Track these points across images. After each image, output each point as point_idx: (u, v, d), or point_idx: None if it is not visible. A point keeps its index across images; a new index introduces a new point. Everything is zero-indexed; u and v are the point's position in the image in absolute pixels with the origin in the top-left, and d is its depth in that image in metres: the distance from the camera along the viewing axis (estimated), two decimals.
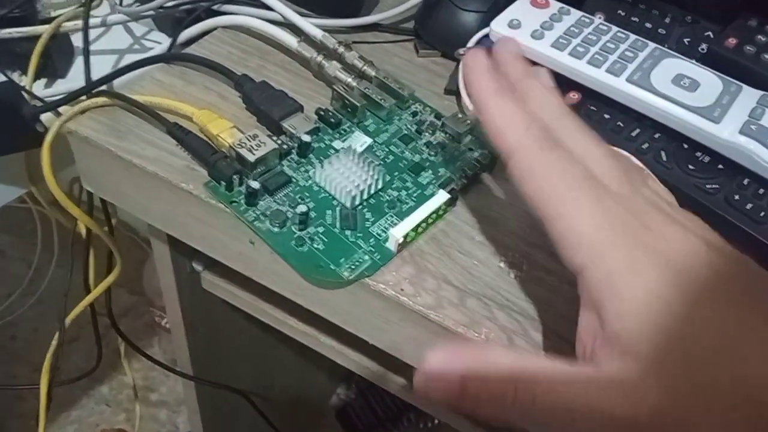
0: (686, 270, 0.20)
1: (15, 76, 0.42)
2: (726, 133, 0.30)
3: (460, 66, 0.25)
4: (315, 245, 0.28)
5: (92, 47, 0.44)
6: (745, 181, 0.30)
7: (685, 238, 0.21)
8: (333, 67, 0.34)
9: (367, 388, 0.95)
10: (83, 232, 0.40)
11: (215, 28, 0.38)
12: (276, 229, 0.28)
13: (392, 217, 0.29)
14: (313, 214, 0.29)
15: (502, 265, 0.28)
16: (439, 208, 0.29)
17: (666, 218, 0.22)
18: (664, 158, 0.31)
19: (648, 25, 0.37)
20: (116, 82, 0.36)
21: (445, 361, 0.21)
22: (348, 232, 0.28)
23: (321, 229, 0.28)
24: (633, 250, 0.20)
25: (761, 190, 0.30)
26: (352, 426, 0.94)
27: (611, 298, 0.20)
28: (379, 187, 0.30)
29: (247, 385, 0.59)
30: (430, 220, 0.29)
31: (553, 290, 0.28)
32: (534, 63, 0.32)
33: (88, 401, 0.95)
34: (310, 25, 0.36)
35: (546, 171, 0.22)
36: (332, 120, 0.32)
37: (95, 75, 0.36)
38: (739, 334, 0.19)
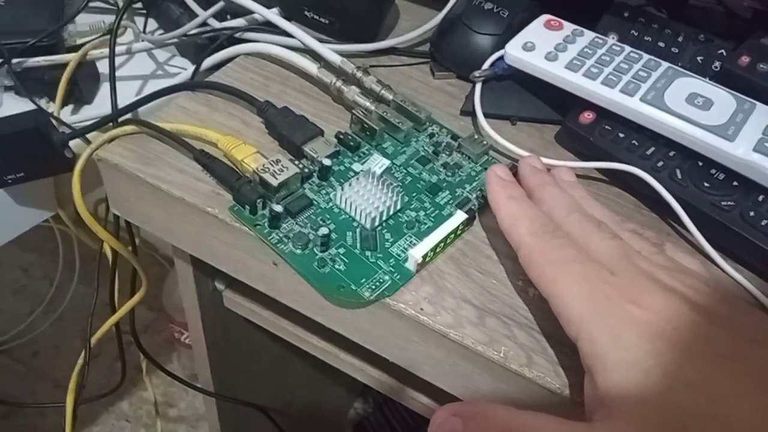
0: (668, 337, 0.22)
1: (43, 103, 0.43)
2: (740, 150, 0.30)
3: (490, 169, 0.30)
4: (336, 266, 0.28)
5: (117, 74, 0.46)
6: (760, 198, 0.30)
7: (670, 305, 0.23)
8: (352, 92, 0.35)
9: (384, 403, 0.95)
10: (108, 252, 0.41)
11: (238, 56, 0.39)
12: (298, 251, 0.29)
13: (411, 237, 0.30)
14: (334, 236, 0.29)
15: (520, 283, 0.29)
16: (457, 228, 0.30)
17: (654, 287, 0.23)
18: (679, 176, 0.32)
19: (661, 44, 0.37)
20: (141, 109, 0.38)
21: (447, 414, 0.23)
22: (368, 253, 0.29)
23: (342, 250, 0.29)
24: (616, 325, 0.22)
25: None
26: None
27: (598, 369, 0.22)
28: (398, 208, 0.31)
29: (266, 400, 0.59)
30: (448, 240, 0.30)
31: None
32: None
33: (109, 417, 0.97)
34: (329, 50, 0.37)
35: (541, 258, 0.25)
36: (351, 143, 0.33)
37: (121, 101, 0.38)
38: (723, 398, 0.20)
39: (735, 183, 0.31)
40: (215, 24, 0.43)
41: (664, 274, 0.24)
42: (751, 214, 0.30)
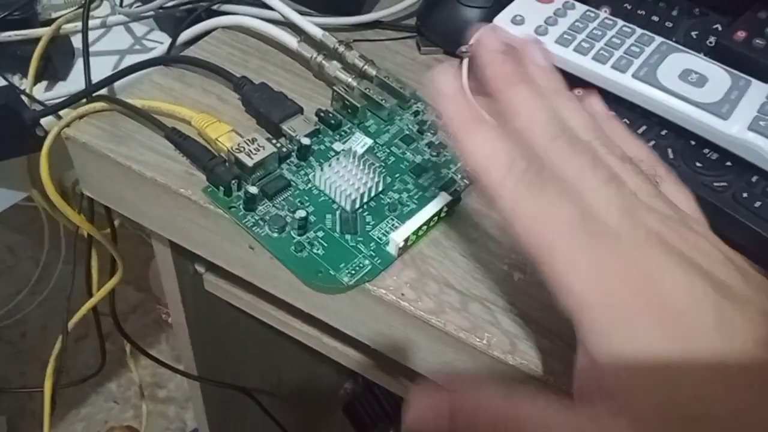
0: (681, 321, 0.19)
1: (15, 80, 0.42)
2: (734, 129, 0.29)
3: (434, 83, 0.23)
4: (315, 250, 0.27)
5: (93, 48, 0.44)
6: (754, 179, 0.29)
7: (687, 282, 0.20)
8: (333, 67, 0.34)
9: (374, 383, 0.95)
10: (86, 234, 0.40)
11: (215, 29, 0.37)
12: (275, 235, 0.28)
13: (393, 220, 0.29)
14: (312, 219, 0.28)
15: (505, 267, 0.28)
16: (440, 211, 0.29)
17: (667, 257, 0.20)
18: (671, 156, 0.30)
19: (655, 18, 0.36)
20: (116, 84, 0.36)
21: (436, 395, 0.21)
22: (348, 237, 0.28)
23: (321, 234, 0.28)
24: (624, 302, 0.20)
25: None
26: (360, 420, 0.94)
27: (601, 349, 0.20)
28: (380, 189, 0.30)
29: (253, 383, 0.59)
30: (431, 223, 0.29)
31: None
32: None
33: (97, 398, 0.96)
34: (310, 24, 0.35)
35: (533, 217, 0.21)
36: (332, 121, 0.32)
37: (96, 76, 0.36)
38: (738, 385, 0.18)
39: (728, 163, 0.30)
40: None
41: (668, 230, 0.21)
42: (745, 195, 0.29)
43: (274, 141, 0.30)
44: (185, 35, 0.38)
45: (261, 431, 0.69)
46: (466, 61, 0.36)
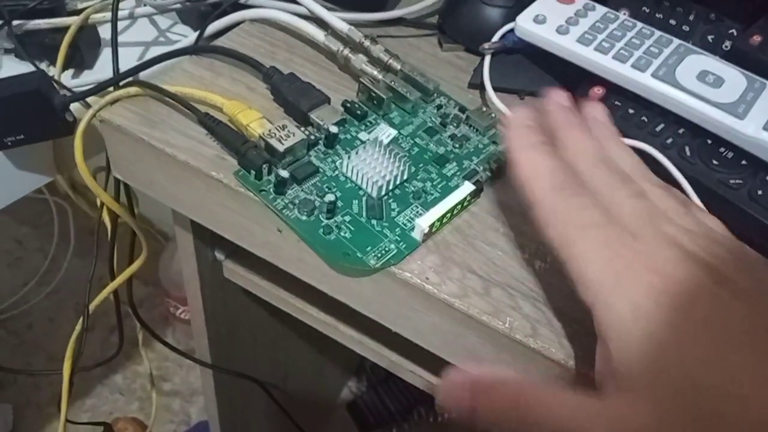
0: (687, 311, 0.21)
1: (43, 66, 0.43)
2: (750, 129, 0.30)
3: (510, 116, 0.27)
4: (342, 233, 0.28)
5: (119, 39, 0.45)
6: None
7: (692, 276, 0.22)
8: (359, 60, 0.34)
9: (378, 382, 0.96)
10: (107, 220, 0.41)
11: (243, 21, 0.38)
12: (304, 217, 0.28)
13: (417, 207, 0.30)
14: (340, 204, 0.29)
15: (526, 256, 0.29)
16: (464, 199, 0.30)
17: (677, 255, 0.22)
18: (688, 153, 0.31)
19: (672, 21, 0.37)
20: (145, 73, 0.37)
21: (461, 374, 0.23)
22: (374, 222, 0.29)
23: (348, 218, 0.29)
24: (634, 294, 0.21)
25: None
26: (363, 419, 0.95)
27: (613, 338, 0.21)
28: (405, 178, 0.30)
29: (262, 375, 0.59)
30: (455, 211, 0.30)
31: None
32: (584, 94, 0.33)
33: (103, 390, 0.97)
34: (336, 18, 0.36)
35: (562, 217, 0.23)
36: (358, 112, 0.33)
37: (122, 66, 0.37)
38: (740, 377, 0.20)
39: (744, 162, 0.31)
40: None
41: (689, 240, 0.23)
42: (759, 192, 0.30)
43: (302, 129, 0.31)
44: (212, 27, 0.39)
45: (268, 423, 0.70)
46: (488, 58, 0.37)
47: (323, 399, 0.93)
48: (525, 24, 0.35)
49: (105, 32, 0.43)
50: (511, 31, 0.36)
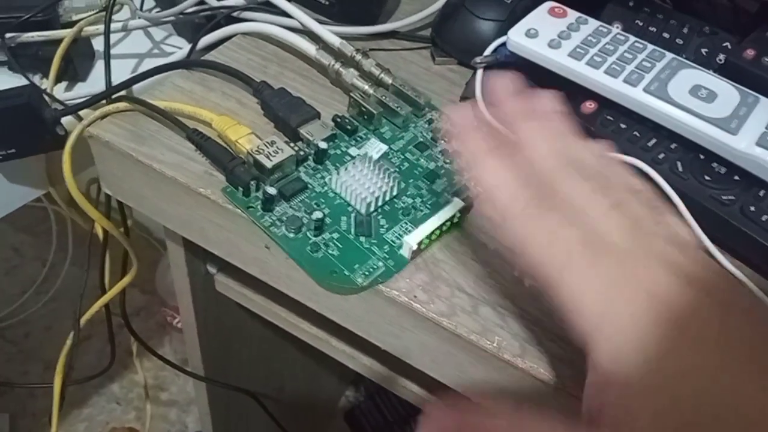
0: (689, 338, 0.20)
1: (36, 79, 0.43)
2: (743, 144, 0.30)
3: (450, 115, 0.25)
4: (330, 251, 0.28)
5: (113, 51, 0.45)
6: (761, 193, 0.30)
7: (694, 300, 0.21)
8: (350, 75, 0.34)
9: (375, 392, 0.95)
10: (100, 233, 0.41)
11: (235, 35, 0.38)
12: (291, 235, 0.28)
13: (407, 224, 0.29)
14: (328, 220, 0.29)
15: (516, 273, 0.28)
16: (453, 216, 0.29)
17: (669, 270, 0.21)
18: (680, 169, 0.31)
19: (666, 35, 0.37)
20: (136, 87, 0.37)
21: (445, 412, 0.21)
22: (362, 239, 0.29)
23: (336, 235, 0.29)
24: (633, 324, 0.20)
25: None
26: (361, 428, 0.94)
27: (613, 368, 0.20)
28: (394, 194, 0.30)
29: (257, 386, 0.59)
30: (444, 228, 0.29)
31: None
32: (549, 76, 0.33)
33: (99, 400, 0.96)
34: (328, 32, 0.36)
35: (538, 241, 0.21)
36: (349, 127, 0.33)
37: (116, 79, 0.37)
38: (735, 388, 0.19)
39: (736, 177, 0.30)
40: (213, 2, 0.42)
41: (674, 252, 0.22)
42: (752, 209, 0.30)
43: (292, 144, 0.31)
44: (204, 41, 0.39)
45: None
46: (480, 72, 0.36)
47: (320, 409, 0.92)
48: (517, 38, 0.35)
49: (99, 44, 0.43)
50: (504, 44, 0.36)
